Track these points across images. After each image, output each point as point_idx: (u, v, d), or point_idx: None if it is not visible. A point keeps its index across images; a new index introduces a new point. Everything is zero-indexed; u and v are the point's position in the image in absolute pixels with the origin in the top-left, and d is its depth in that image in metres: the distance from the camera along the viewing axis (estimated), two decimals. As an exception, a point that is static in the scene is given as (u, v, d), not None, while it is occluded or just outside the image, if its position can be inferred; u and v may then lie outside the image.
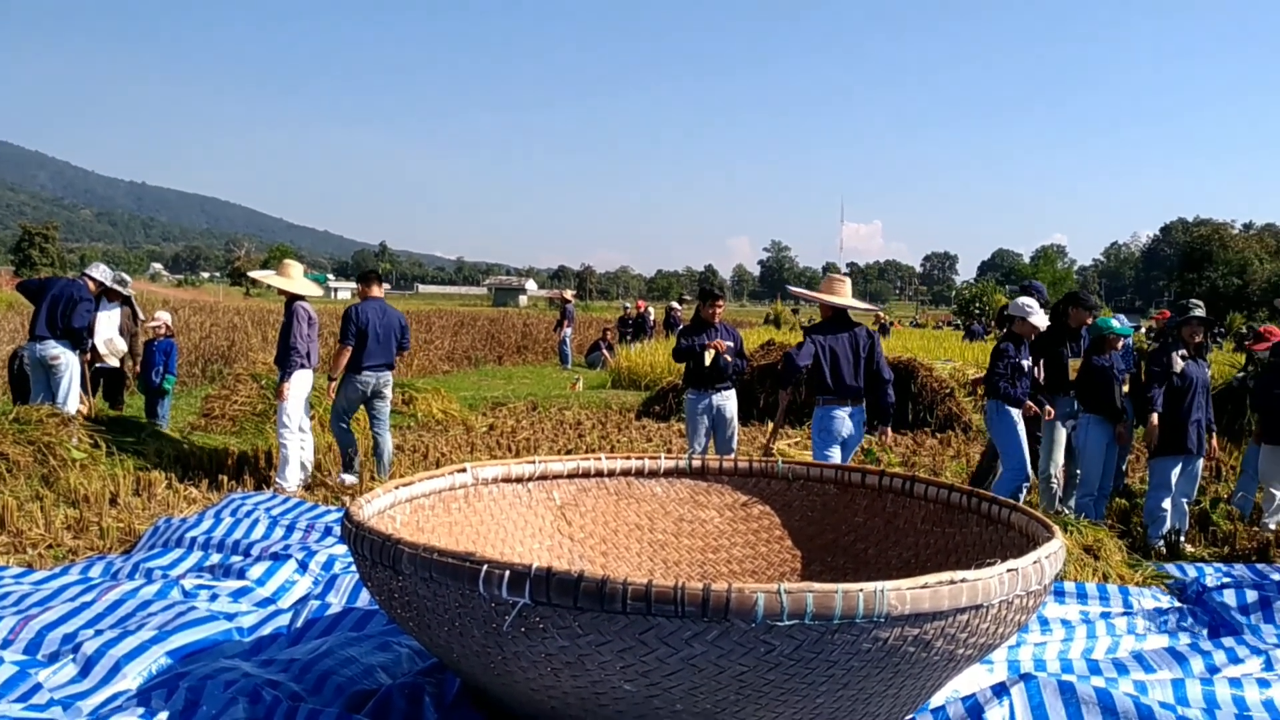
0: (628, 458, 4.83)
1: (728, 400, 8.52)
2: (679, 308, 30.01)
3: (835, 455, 7.26)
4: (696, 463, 4.93)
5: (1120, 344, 7.76)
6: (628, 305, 34.80)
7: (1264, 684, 4.03)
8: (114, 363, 10.39)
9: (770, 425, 8.26)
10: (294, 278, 8.73)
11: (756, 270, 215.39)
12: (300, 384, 8.46)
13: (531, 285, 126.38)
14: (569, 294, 31.91)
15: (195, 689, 3.31)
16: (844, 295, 7.41)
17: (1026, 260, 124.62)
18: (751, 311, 68.87)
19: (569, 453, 10.67)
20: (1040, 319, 7.97)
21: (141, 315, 10.88)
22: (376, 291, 9.17)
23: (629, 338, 26.80)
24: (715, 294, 8.51)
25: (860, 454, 11.45)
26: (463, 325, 30.92)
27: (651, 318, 30.04)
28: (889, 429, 7.77)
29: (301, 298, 8.63)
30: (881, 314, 51.24)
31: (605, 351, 24.75)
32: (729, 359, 8.28)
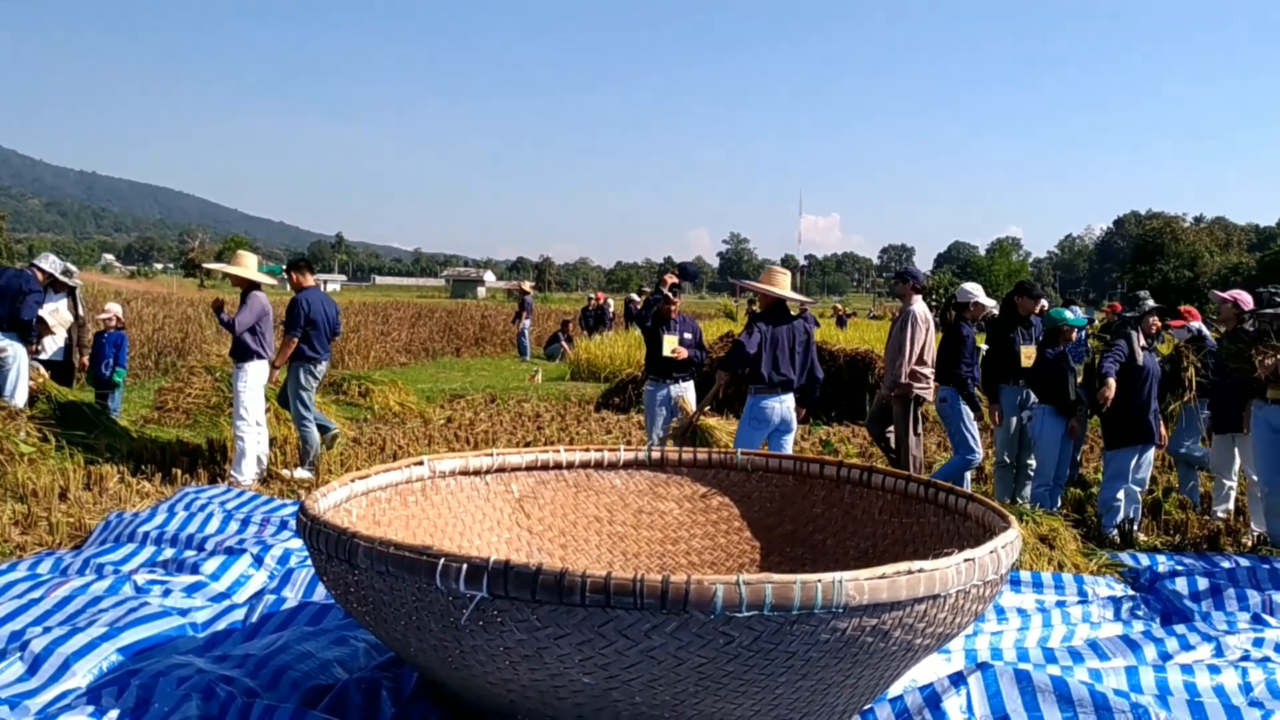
0: (586, 450, 4.81)
1: (686, 391, 8.53)
2: (638, 299, 29.98)
3: (759, 442, 7.34)
4: (656, 454, 4.93)
5: (1075, 335, 7.85)
6: (592, 296, 34.74)
7: (1214, 670, 4.09)
8: (61, 335, 10.16)
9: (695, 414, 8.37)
10: (249, 267, 8.62)
11: (715, 262, 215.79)
12: (258, 375, 8.37)
13: (490, 277, 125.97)
14: (527, 285, 31.81)
15: (147, 686, 3.26)
16: (783, 286, 7.50)
17: (983, 253, 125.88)
18: (711, 303, 69.04)
19: (528, 445, 10.63)
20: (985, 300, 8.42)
21: (82, 310, 10.68)
22: (310, 280, 9.06)
23: (588, 329, 26.76)
24: (669, 296, 8.42)
25: (819, 445, 11.53)
26: (420, 317, 30.70)
27: (611, 309, 30.01)
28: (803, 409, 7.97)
29: (258, 286, 8.54)
30: (839, 306, 51.58)
31: (564, 343, 24.70)
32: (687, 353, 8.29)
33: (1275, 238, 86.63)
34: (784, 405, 7.38)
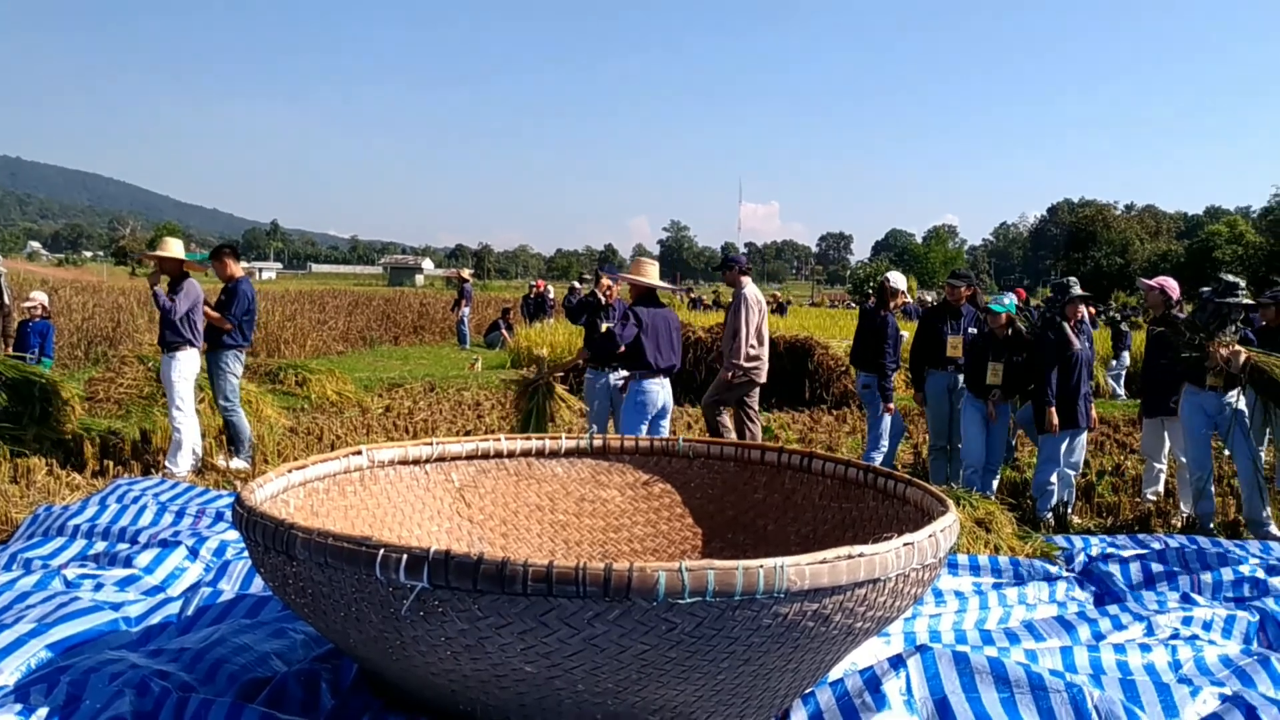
0: (528, 438, 4.79)
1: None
2: (580, 287, 29.88)
3: (645, 428, 7.46)
4: (597, 442, 4.91)
5: (1002, 321, 7.95)
6: (533, 283, 34.57)
7: (1145, 648, 4.18)
8: None
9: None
10: (175, 251, 8.45)
11: (656, 250, 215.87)
12: (189, 364, 8.23)
13: (428, 264, 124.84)
14: (466, 273, 31.58)
15: (78, 683, 3.19)
16: (651, 276, 7.71)
17: (919, 240, 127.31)
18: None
19: (468, 434, 10.58)
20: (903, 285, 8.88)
21: (7, 298, 10.42)
22: (239, 269, 8.91)
23: (528, 317, 26.66)
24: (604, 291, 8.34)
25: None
26: (357, 305, 30.40)
27: (551, 297, 29.91)
28: None
29: (189, 273, 8.41)
30: (778, 294, 51.89)
31: (504, 331, 24.58)
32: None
33: (1202, 226, 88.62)
34: (666, 390, 7.62)
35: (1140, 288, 8.39)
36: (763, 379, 8.85)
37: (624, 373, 7.79)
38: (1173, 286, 7.84)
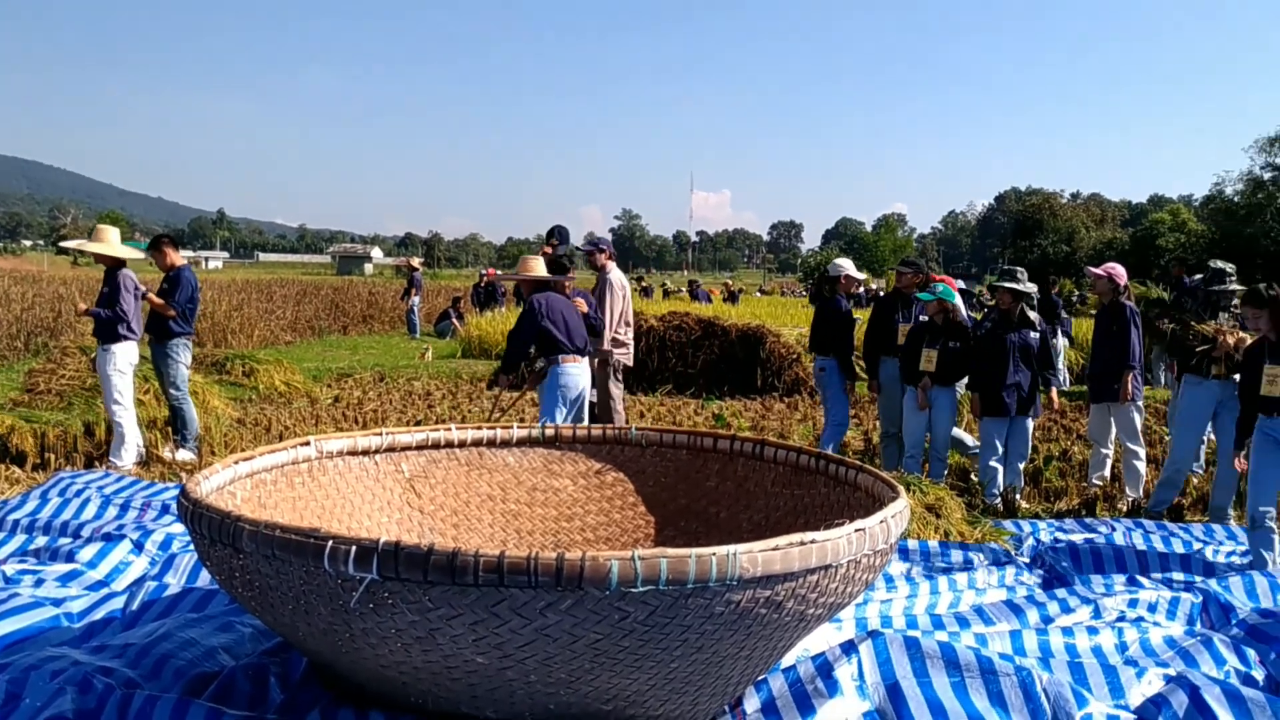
0: (479, 428, 4.76)
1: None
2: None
3: (562, 415, 7.49)
4: (549, 431, 4.89)
5: (937, 308, 8.04)
6: (484, 272, 34.35)
7: (1093, 631, 4.24)
8: None
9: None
10: (111, 242, 8.27)
11: (608, 238, 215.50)
12: (126, 356, 8.09)
13: (377, 253, 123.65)
14: (416, 262, 31.33)
15: (17, 681, 3.12)
16: (539, 269, 7.94)
17: (869, 229, 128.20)
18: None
19: (418, 424, 10.50)
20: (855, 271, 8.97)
21: None
22: (180, 258, 8.77)
23: (479, 306, 26.51)
24: (565, 266, 8.41)
25: (711, 419, 11.62)
26: (305, 294, 30.08)
27: (502, 286, 29.77)
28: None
29: (122, 264, 8.24)
30: (729, 282, 52.03)
31: (455, 320, 24.43)
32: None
33: (1146, 214, 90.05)
34: (587, 374, 7.69)
35: (1087, 275, 8.47)
36: (628, 362, 9.05)
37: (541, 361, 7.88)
38: (1120, 273, 7.94)
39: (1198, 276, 7.60)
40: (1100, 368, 7.94)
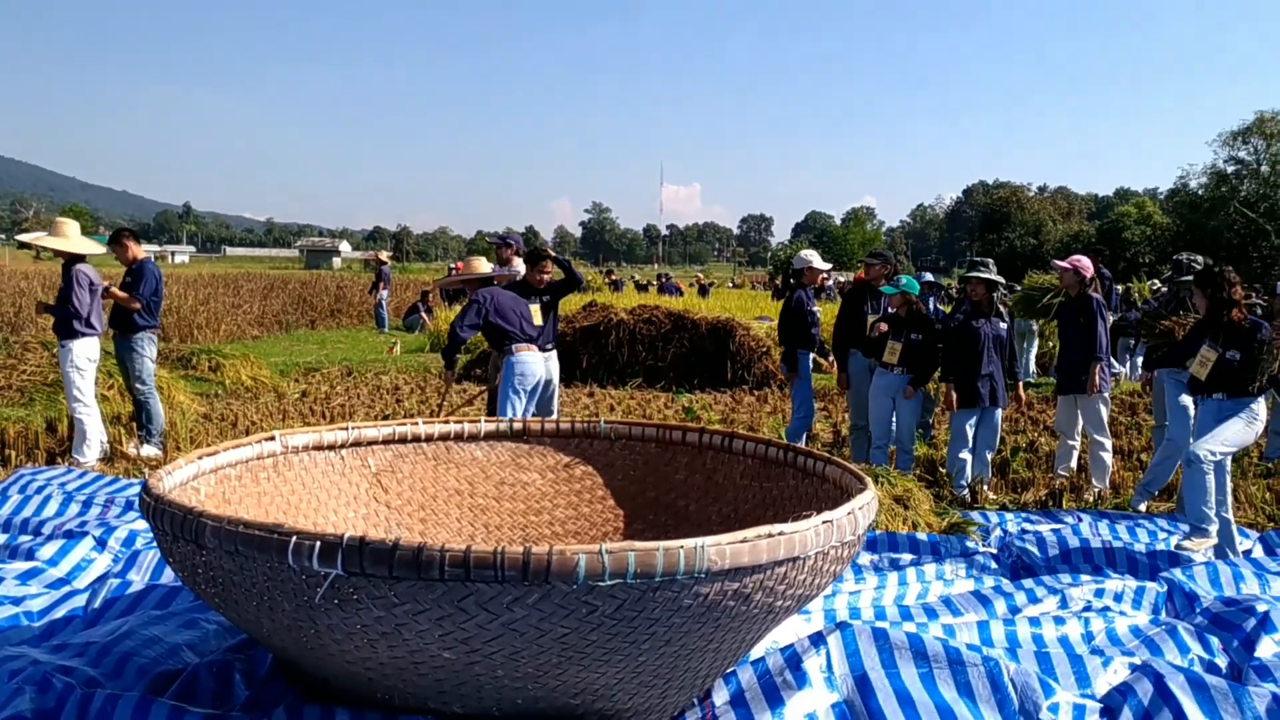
0: (446, 422, 4.73)
1: (549, 361, 8.52)
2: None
3: (520, 406, 7.52)
4: (518, 425, 4.87)
5: (901, 301, 8.10)
6: (453, 266, 34.16)
7: (1059, 621, 4.27)
8: None
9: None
10: (70, 237, 8.15)
11: (578, 232, 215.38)
12: (85, 352, 7.99)
13: (345, 247, 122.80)
14: (385, 255, 31.15)
15: (-25, 681, 3.07)
16: (482, 267, 8.26)
17: (838, 222, 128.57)
18: (572, 273, 68.51)
19: (386, 418, 10.44)
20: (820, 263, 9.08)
21: None
22: (142, 251, 8.67)
23: (448, 300, 26.39)
24: (544, 253, 8.23)
25: (681, 412, 11.63)
26: (273, 289, 29.86)
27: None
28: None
29: (82, 259, 8.12)
30: (701, 275, 52.11)
31: (424, 314, 24.32)
32: None
33: (1112, 207, 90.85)
34: (545, 363, 7.71)
35: (1055, 268, 8.51)
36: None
37: (550, 353, 7.89)
38: (1085, 265, 8.00)
39: (1167, 278, 7.66)
40: (1067, 360, 7.99)
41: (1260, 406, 5.91)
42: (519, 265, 8.86)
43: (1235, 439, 5.83)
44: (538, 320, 7.78)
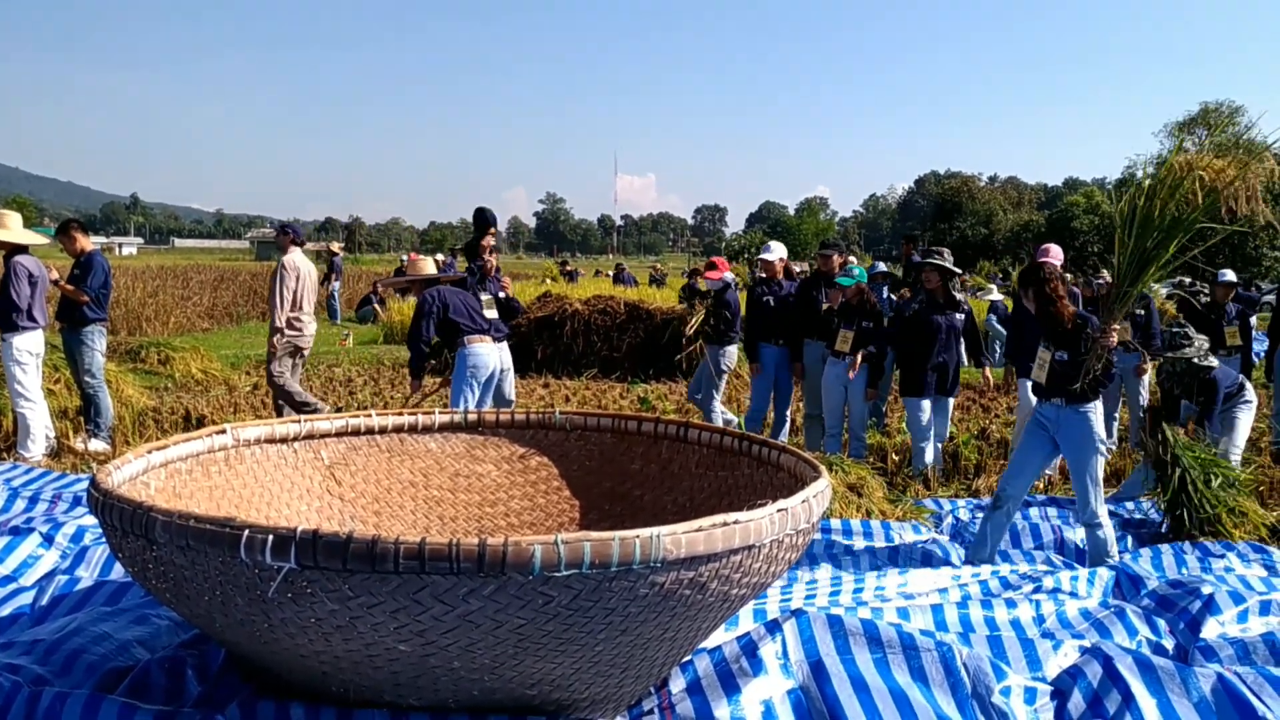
0: (400, 413, 4.70)
1: (502, 352, 8.51)
2: (455, 261, 29.49)
3: (474, 397, 7.56)
4: (472, 416, 4.85)
5: (855, 292, 8.16)
6: (405, 257, 33.95)
7: (1011, 604, 4.33)
8: None
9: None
10: (12, 228, 7.99)
11: (533, 223, 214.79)
12: (29, 346, 7.85)
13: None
14: (336, 247, 30.90)
15: (-81, 681, 3.01)
16: (428, 268, 8.30)
17: (792, 212, 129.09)
18: (529, 264, 68.49)
19: (339, 411, 10.37)
20: (775, 255, 9.17)
21: None
22: (90, 243, 8.55)
23: (401, 291, 26.19)
24: (487, 220, 8.35)
25: (636, 402, 11.64)
26: (223, 280, 29.52)
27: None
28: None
29: (24, 250, 7.97)
30: (657, 266, 52.12)
31: (377, 306, 24.14)
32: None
33: (1061, 197, 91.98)
34: (497, 354, 7.77)
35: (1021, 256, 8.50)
36: (305, 344, 9.42)
37: (502, 344, 7.91)
38: (1056, 254, 7.86)
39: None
40: (1020, 346, 8.06)
41: (1098, 413, 5.43)
42: (291, 254, 9.31)
43: (1098, 468, 5.42)
44: (490, 313, 7.83)
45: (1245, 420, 7.16)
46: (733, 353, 9.31)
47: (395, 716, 2.87)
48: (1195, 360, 6.89)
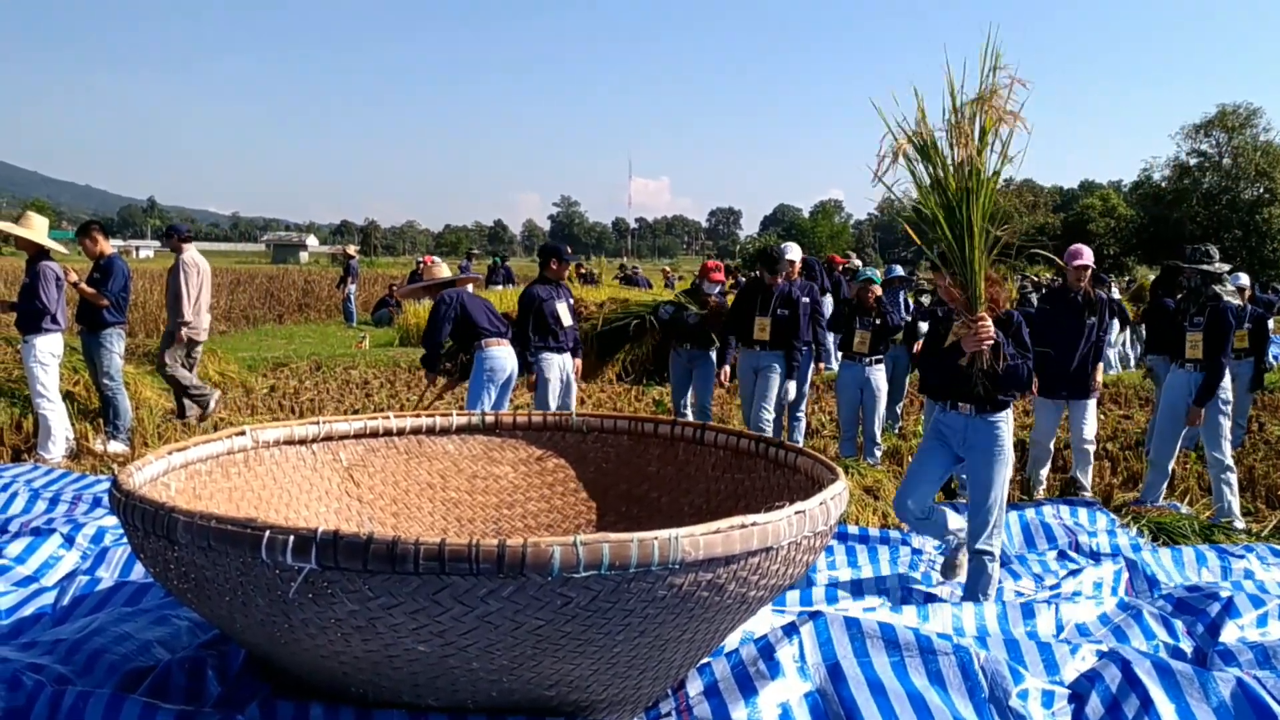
0: (417, 415, 4.72)
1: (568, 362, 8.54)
2: (470, 264, 29.56)
3: (492, 399, 7.61)
4: (490, 419, 4.86)
5: (869, 291, 8.14)
6: (421, 260, 34.04)
7: (1028, 607, 4.32)
8: None
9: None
10: (37, 228, 8.09)
11: (547, 225, 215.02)
12: (49, 348, 7.92)
13: (313, 241, 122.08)
14: (352, 249, 30.98)
15: (-57, 680, 3.04)
16: (442, 272, 8.41)
17: (806, 215, 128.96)
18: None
19: (356, 413, 10.39)
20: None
21: None
22: (109, 246, 8.64)
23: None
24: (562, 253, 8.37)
25: (652, 405, 11.64)
26: (239, 283, 29.67)
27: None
28: None
29: (47, 255, 8.05)
30: (668, 269, 52.11)
31: (393, 308, 24.20)
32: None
33: (1077, 199, 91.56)
34: (512, 354, 7.80)
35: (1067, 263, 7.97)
36: (201, 338, 10.04)
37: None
38: (1087, 255, 7.59)
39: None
40: (1062, 363, 7.90)
41: (1008, 421, 4.87)
42: (188, 253, 9.79)
43: (1004, 487, 4.84)
44: (567, 320, 7.93)
45: (1224, 422, 7.04)
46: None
47: (414, 717, 2.88)
48: (1216, 284, 6.89)
